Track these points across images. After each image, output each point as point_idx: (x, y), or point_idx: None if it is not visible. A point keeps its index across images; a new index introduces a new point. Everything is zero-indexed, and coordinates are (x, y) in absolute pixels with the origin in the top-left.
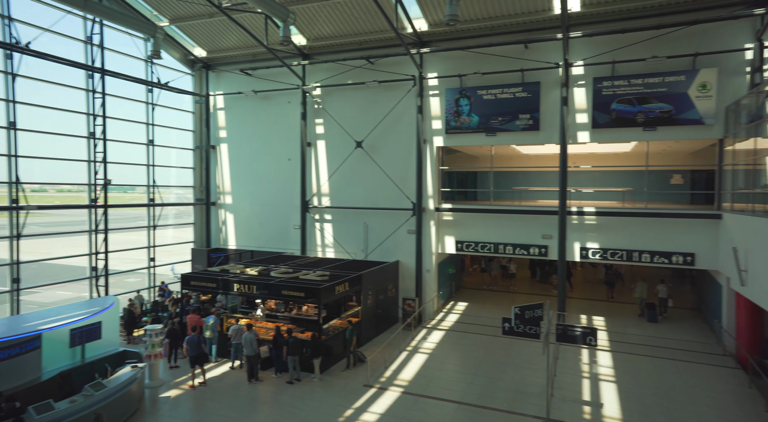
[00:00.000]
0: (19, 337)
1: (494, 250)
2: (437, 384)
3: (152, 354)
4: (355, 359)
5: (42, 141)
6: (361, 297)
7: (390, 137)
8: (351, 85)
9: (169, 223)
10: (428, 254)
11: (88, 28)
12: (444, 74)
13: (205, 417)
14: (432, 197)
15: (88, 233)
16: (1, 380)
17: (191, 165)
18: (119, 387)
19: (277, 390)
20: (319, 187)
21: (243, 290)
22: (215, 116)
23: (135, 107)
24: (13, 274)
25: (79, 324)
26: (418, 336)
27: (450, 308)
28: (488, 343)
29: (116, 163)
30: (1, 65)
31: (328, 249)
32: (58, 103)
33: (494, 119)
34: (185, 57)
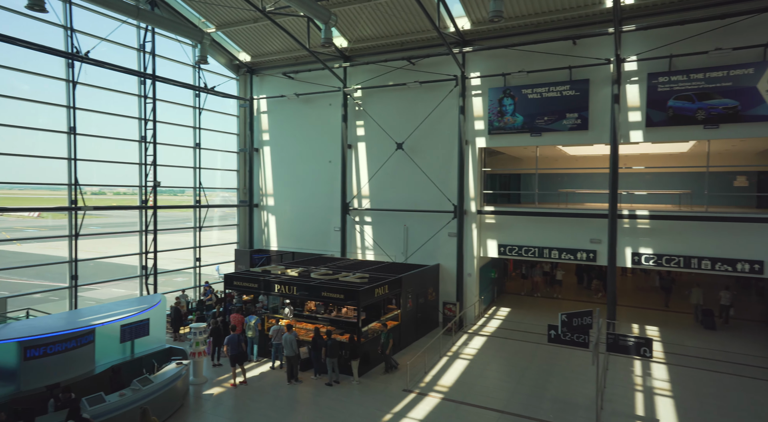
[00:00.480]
0: (75, 331)
1: (539, 254)
2: (478, 391)
3: (196, 351)
4: (388, 365)
5: (98, 145)
6: (401, 301)
7: (431, 139)
8: (392, 87)
9: (214, 224)
10: (470, 257)
11: (141, 36)
12: (487, 73)
13: (245, 415)
14: (474, 200)
15: (139, 234)
16: (59, 371)
17: (235, 168)
18: (165, 383)
19: (316, 391)
20: (360, 189)
21: (284, 290)
22: (259, 119)
23: (183, 111)
24: (72, 271)
25: (129, 320)
26: (459, 341)
27: (492, 314)
28: (532, 351)
29: (165, 165)
30: (63, 73)
31: (368, 251)
32: (112, 109)
33: (540, 119)
34: (231, 62)
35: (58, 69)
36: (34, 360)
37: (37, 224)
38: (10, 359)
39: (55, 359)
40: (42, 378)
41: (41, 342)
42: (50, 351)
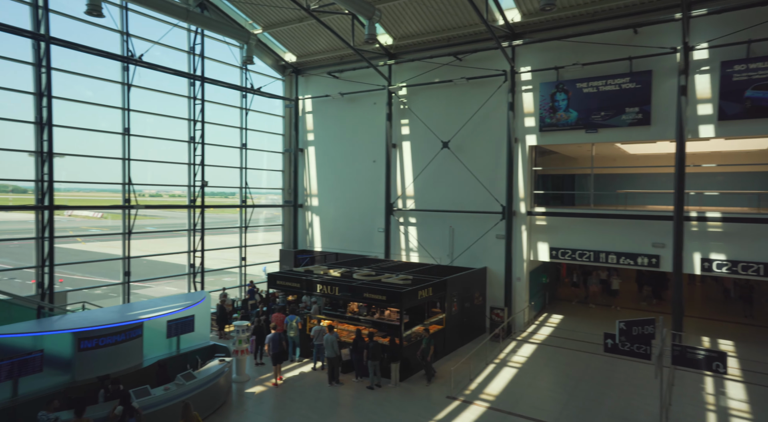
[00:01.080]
0: (124, 324)
1: (594, 258)
2: (528, 401)
3: (239, 349)
4: (428, 373)
5: (150, 146)
6: (445, 304)
7: (478, 137)
8: (437, 84)
9: (260, 225)
10: (519, 261)
11: (191, 39)
12: (538, 67)
13: (286, 415)
14: (523, 200)
15: (187, 232)
16: (109, 363)
17: (280, 168)
18: (208, 379)
19: (357, 394)
20: (404, 189)
21: (326, 291)
22: (303, 119)
23: (230, 112)
24: (125, 267)
25: (175, 316)
26: (507, 348)
27: (543, 321)
28: (587, 361)
29: (213, 166)
30: (119, 76)
31: (413, 253)
32: (162, 111)
33: (596, 114)
34: (277, 63)
35: (114, 73)
36: (87, 351)
37: (99, 224)
38: (65, 349)
39: (106, 351)
40: (94, 369)
41: (93, 334)
42: (102, 343)
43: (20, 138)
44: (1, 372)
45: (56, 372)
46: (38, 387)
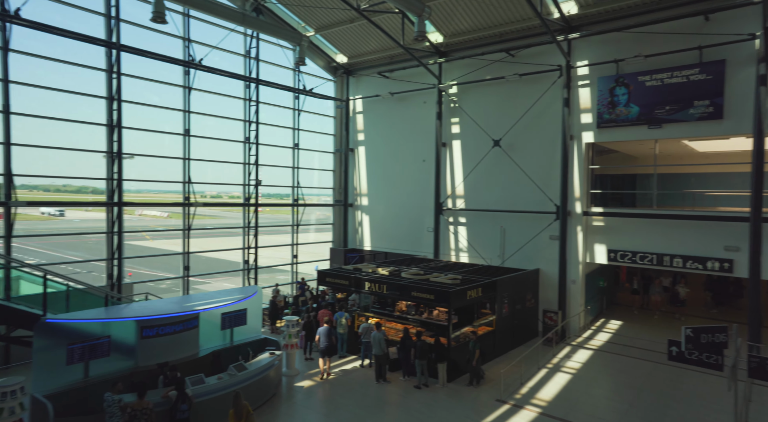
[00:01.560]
0: (181, 315)
1: (657, 262)
2: (583, 409)
3: (289, 343)
4: (475, 376)
5: (208, 146)
6: (495, 306)
7: (531, 135)
8: (489, 81)
9: (311, 223)
10: (574, 263)
11: (247, 43)
12: (596, 61)
13: (334, 410)
14: (579, 200)
15: (242, 230)
16: (168, 352)
17: (331, 168)
18: (259, 371)
19: (405, 393)
20: (454, 188)
21: (374, 289)
22: (354, 119)
23: (283, 113)
24: (185, 262)
25: (228, 309)
26: (561, 353)
27: (600, 326)
28: (649, 370)
29: (266, 165)
30: (180, 80)
31: (462, 253)
32: (218, 113)
33: (660, 109)
34: (328, 64)
35: (176, 77)
36: (149, 339)
37: (166, 223)
38: (130, 337)
39: (166, 339)
40: (155, 357)
41: (154, 323)
42: (162, 332)
43: (92, 140)
44: (74, 355)
45: (122, 357)
46: (106, 370)
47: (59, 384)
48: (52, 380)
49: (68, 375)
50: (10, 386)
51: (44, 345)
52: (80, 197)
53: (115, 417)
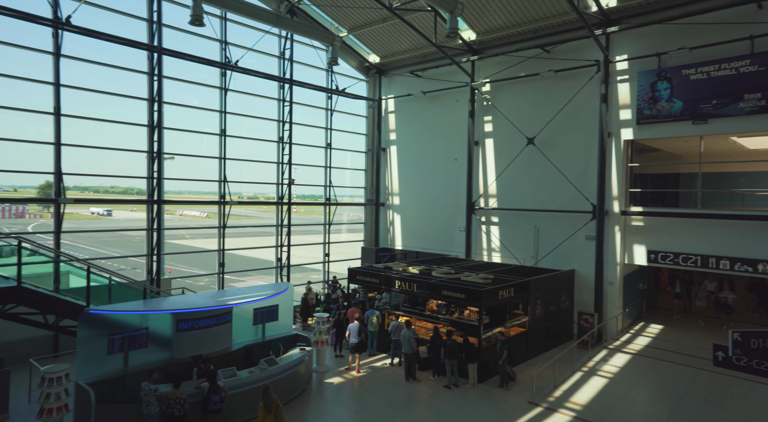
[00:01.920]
0: (215, 308)
1: (702, 263)
2: (620, 414)
3: (319, 340)
4: (505, 377)
5: (242, 146)
6: (528, 306)
7: (566, 132)
8: (523, 78)
9: (343, 222)
10: (611, 264)
11: (281, 44)
12: (636, 55)
13: (363, 407)
14: (617, 199)
15: (275, 228)
16: (203, 345)
17: (363, 167)
18: (289, 366)
19: (434, 392)
20: (486, 187)
21: (404, 287)
22: (386, 119)
23: (315, 113)
24: (220, 259)
25: (260, 304)
26: (597, 356)
27: (639, 330)
28: (692, 376)
29: (299, 164)
30: (217, 82)
31: (494, 253)
32: (254, 113)
33: (706, 103)
34: (361, 64)
35: (213, 78)
36: (184, 332)
37: (205, 223)
38: (166, 329)
39: (200, 333)
40: (190, 349)
41: (189, 316)
42: (197, 326)
43: (132, 141)
44: (115, 345)
45: (159, 349)
46: (144, 361)
47: (101, 373)
48: (94, 368)
49: (109, 364)
50: (56, 372)
51: (87, 334)
52: (124, 197)
53: (151, 405)
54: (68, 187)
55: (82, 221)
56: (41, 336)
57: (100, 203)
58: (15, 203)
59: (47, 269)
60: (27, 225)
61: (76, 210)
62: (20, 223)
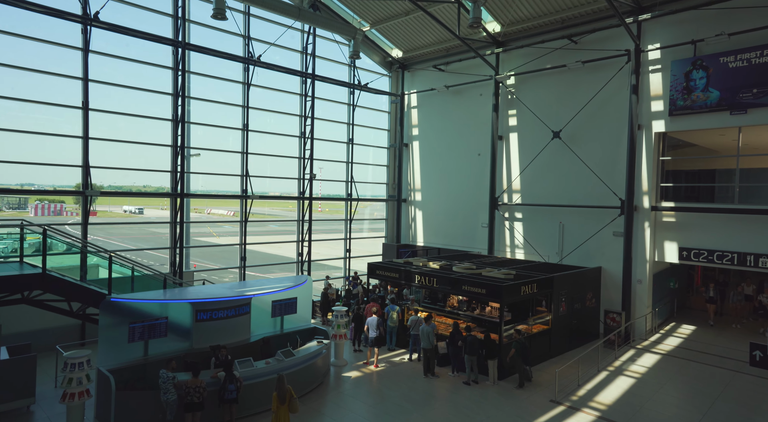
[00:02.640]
0: (233, 299)
1: (739, 261)
2: (648, 415)
3: (338, 334)
4: (522, 376)
5: (265, 141)
6: (552, 304)
7: (594, 125)
8: (549, 70)
9: (365, 218)
10: (640, 261)
11: (303, 39)
12: (670, 43)
13: (380, 401)
14: (647, 194)
15: (297, 223)
16: (222, 336)
17: (385, 163)
18: (306, 358)
19: (453, 388)
20: (510, 183)
21: (424, 282)
22: (409, 114)
23: (337, 109)
24: (241, 253)
25: (279, 297)
26: (624, 356)
27: (670, 330)
28: (727, 379)
29: (321, 160)
30: (240, 77)
31: (518, 250)
32: (276, 108)
33: (745, 92)
34: (384, 59)
35: (236, 73)
36: (203, 322)
37: (231, 219)
38: (186, 319)
39: (219, 324)
40: (208, 340)
41: (207, 307)
42: (215, 316)
43: (158, 134)
44: (135, 333)
45: (178, 339)
46: (164, 350)
47: (122, 360)
48: (115, 356)
49: (130, 352)
50: (78, 358)
51: (108, 322)
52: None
53: (169, 393)
54: (102, 186)
55: (115, 219)
56: (69, 325)
57: (126, 196)
58: (43, 195)
59: (76, 261)
60: (64, 222)
61: (110, 208)
62: (58, 220)
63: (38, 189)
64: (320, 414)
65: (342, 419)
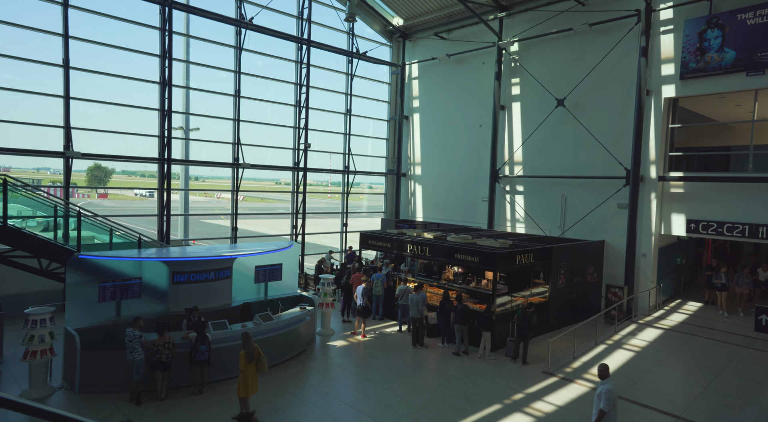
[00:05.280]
0: (213, 259)
1: (750, 233)
2: (644, 388)
3: (324, 302)
4: (516, 349)
5: (257, 110)
6: (549, 277)
7: (600, 92)
8: (554, 35)
9: (363, 192)
10: (645, 234)
11: (299, 3)
12: (683, 1)
13: (363, 369)
14: (654, 164)
15: (291, 194)
16: (201, 300)
17: (385, 136)
18: (286, 323)
19: (441, 359)
20: (511, 154)
21: (416, 251)
22: (410, 85)
23: (334, 78)
24: (232, 223)
25: (263, 261)
26: (624, 330)
27: (675, 307)
28: (732, 353)
29: (317, 130)
30: (232, 40)
31: (519, 224)
32: (270, 75)
33: (764, 51)
34: (384, 28)
35: (228, 37)
36: (180, 285)
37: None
38: (162, 281)
39: (198, 287)
40: (187, 304)
41: (185, 269)
42: (193, 279)
43: (143, 97)
44: (106, 292)
45: (154, 301)
46: (138, 312)
47: (92, 321)
48: (85, 316)
49: (101, 312)
50: (40, 314)
51: (76, 280)
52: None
53: (135, 352)
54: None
55: (126, 202)
56: (52, 290)
57: (109, 160)
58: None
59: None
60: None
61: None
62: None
63: (16, 148)
64: (298, 380)
65: (321, 385)
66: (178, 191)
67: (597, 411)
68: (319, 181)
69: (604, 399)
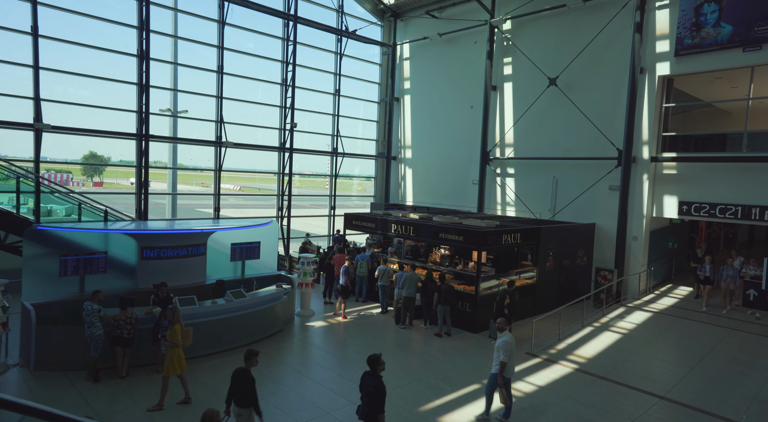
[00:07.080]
0: (183, 232)
1: (743, 215)
2: (630, 369)
3: (303, 282)
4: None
5: (241, 86)
6: (537, 258)
7: (593, 71)
8: (548, 12)
9: (353, 175)
10: (637, 216)
11: None
12: None
13: (340, 348)
14: (647, 144)
15: (277, 176)
16: (172, 277)
17: (375, 118)
18: (260, 301)
19: (423, 339)
20: (503, 136)
21: (400, 231)
22: (401, 66)
23: (323, 57)
24: (215, 203)
25: (239, 239)
26: (612, 313)
27: (666, 291)
28: (721, 335)
29: (304, 110)
30: (215, 14)
31: (509, 208)
32: (255, 52)
33: (762, 25)
34: (375, 7)
35: (211, 10)
36: (149, 260)
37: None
38: (130, 257)
39: (168, 263)
40: (157, 280)
41: (154, 243)
42: (163, 255)
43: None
44: (68, 266)
45: (121, 277)
46: (103, 287)
47: (54, 296)
48: (44, 290)
49: (63, 287)
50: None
51: (34, 252)
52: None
53: (94, 327)
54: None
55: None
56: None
57: (83, 134)
58: None
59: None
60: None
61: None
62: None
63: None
64: (271, 359)
65: (294, 364)
66: (166, 180)
67: (498, 362)
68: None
69: (503, 351)
